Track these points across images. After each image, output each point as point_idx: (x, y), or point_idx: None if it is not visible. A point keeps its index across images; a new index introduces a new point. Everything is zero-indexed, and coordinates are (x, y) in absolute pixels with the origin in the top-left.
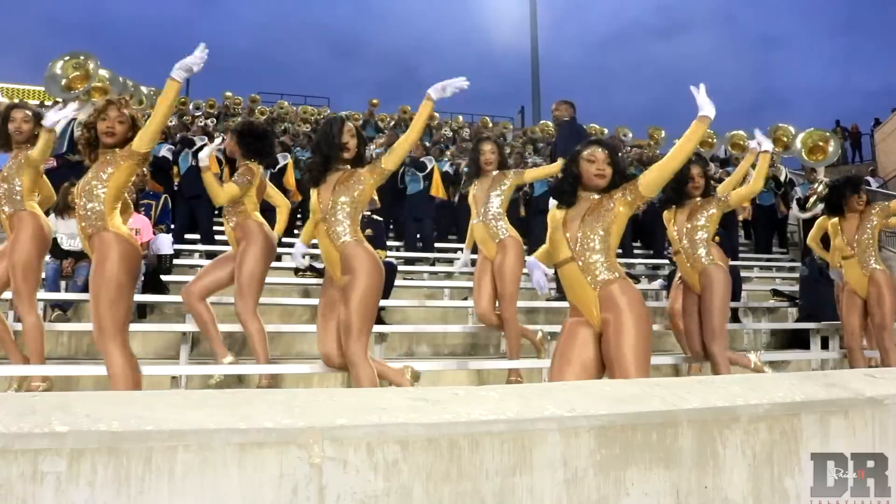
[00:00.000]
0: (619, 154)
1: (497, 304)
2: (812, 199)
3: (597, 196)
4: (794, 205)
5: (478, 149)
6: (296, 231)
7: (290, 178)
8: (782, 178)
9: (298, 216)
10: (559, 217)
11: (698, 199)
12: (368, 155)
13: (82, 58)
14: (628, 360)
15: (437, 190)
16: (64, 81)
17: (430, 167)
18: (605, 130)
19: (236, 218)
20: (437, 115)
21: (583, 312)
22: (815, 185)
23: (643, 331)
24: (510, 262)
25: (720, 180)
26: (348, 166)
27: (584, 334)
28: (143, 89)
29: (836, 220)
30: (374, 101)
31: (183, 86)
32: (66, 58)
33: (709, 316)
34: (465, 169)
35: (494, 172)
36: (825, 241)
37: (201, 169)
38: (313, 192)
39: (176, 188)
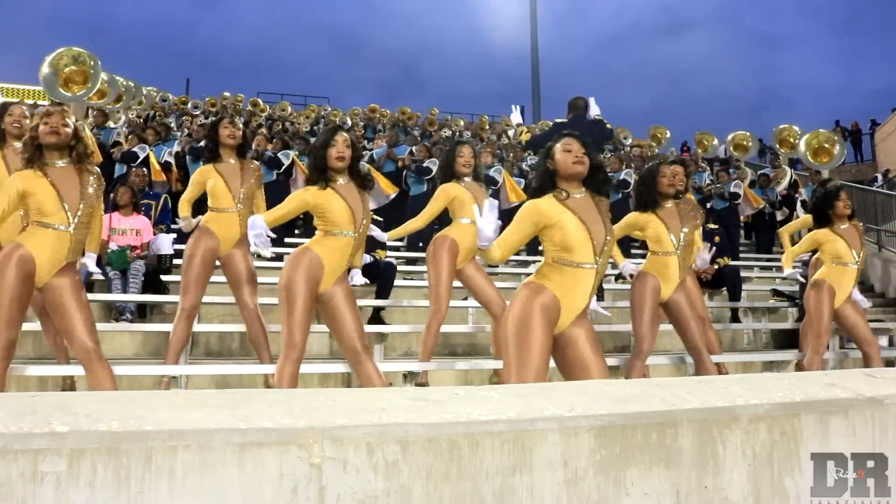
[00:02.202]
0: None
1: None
2: None
3: (590, 194)
4: (799, 206)
5: (455, 151)
6: (297, 231)
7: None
8: (786, 182)
9: (301, 217)
10: (569, 220)
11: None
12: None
13: (88, 59)
14: (604, 363)
15: None
16: (59, 80)
17: (434, 173)
18: None
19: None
20: (437, 111)
21: (563, 313)
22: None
23: None
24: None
25: (732, 194)
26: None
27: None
28: (143, 89)
29: (826, 230)
30: (374, 105)
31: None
32: (72, 48)
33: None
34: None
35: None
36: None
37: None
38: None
39: (176, 190)
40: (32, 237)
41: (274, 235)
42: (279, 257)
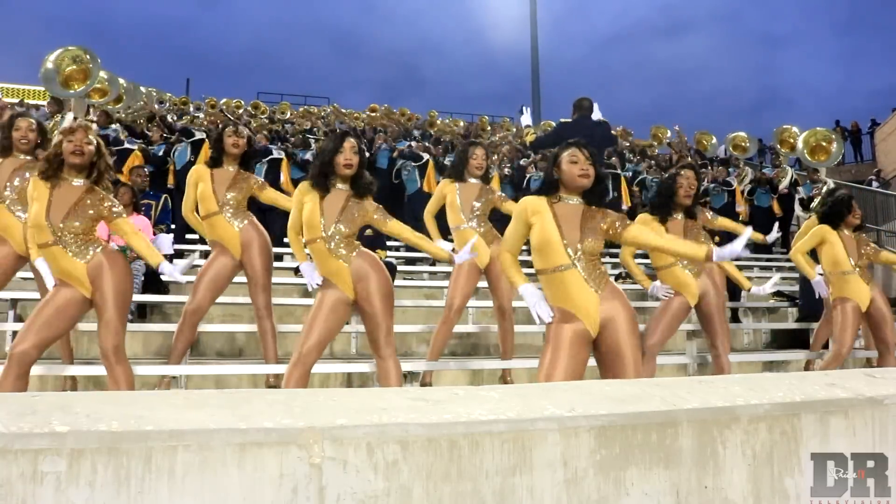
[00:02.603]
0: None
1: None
2: (816, 201)
3: (585, 204)
4: (798, 205)
5: (468, 152)
6: None
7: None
8: (787, 181)
9: None
10: (546, 221)
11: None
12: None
13: (85, 55)
14: (638, 356)
15: (431, 186)
16: (59, 78)
17: (425, 159)
18: None
19: (246, 220)
20: (436, 112)
21: (579, 317)
22: (819, 186)
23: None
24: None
25: (724, 182)
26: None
27: (581, 342)
28: (143, 89)
29: (833, 230)
30: (374, 105)
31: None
32: (70, 47)
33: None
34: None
35: (481, 183)
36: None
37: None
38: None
39: (172, 186)
40: (50, 262)
41: (318, 278)
42: (279, 257)
